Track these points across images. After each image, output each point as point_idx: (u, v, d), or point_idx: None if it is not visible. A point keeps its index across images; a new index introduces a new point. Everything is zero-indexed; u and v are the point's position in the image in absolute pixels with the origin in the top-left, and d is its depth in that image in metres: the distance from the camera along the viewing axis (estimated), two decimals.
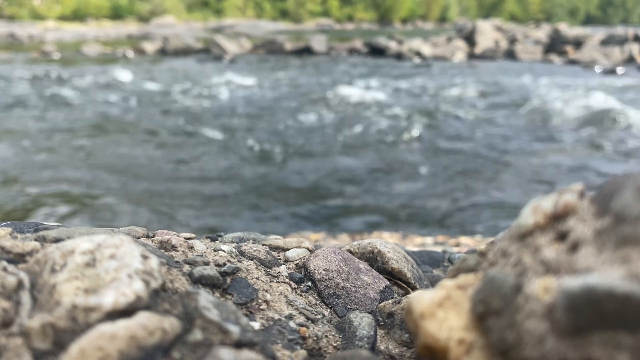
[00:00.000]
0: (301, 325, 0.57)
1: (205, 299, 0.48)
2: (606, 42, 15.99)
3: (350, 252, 0.79)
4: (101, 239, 0.50)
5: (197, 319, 0.45)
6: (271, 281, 0.65)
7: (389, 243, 0.80)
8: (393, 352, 0.58)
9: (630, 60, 14.16)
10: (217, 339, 0.44)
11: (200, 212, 3.79)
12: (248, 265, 0.66)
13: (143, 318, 0.41)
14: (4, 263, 0.47)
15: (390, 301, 0.66)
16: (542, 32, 19.37)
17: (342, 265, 0.70)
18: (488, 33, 17.91)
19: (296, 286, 0.66)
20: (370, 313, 0.64)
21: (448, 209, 3.90)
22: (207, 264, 0.62)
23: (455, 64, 14.30)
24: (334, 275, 0.68)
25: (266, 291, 0.62)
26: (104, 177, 4.45)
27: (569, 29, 18.22)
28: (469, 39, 17.78)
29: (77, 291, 0.43)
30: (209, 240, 0.76)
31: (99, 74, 10.56)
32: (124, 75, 10.40)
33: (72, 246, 0.49)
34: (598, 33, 18.11)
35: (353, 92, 8.84)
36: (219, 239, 0.77)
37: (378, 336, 0.60)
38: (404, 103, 7.91)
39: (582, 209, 0.41)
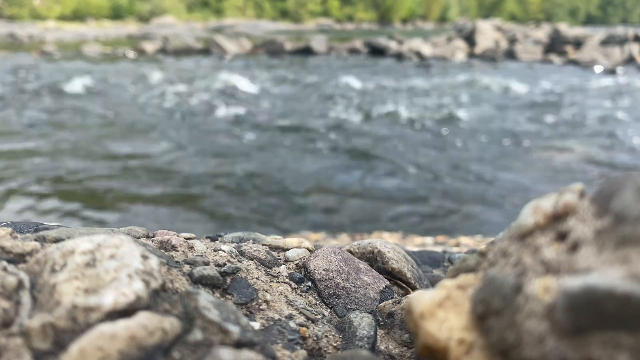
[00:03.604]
0: (301, 325, 0.57)
1: (205, 299, 0.48)
2: (606, 42, 16.00)
3: (350, 252, 0.79)
4: (101, 239, 0.50)
5: (197, 319, 0.45)
6: (271, 281, 0.65)
7: (389, 243, 0.80)
8: (393, 352, 0.58)
9: (630, 60, 14.16)
10: (217, 339, 0.44)
11: (200, 211, 3.79)
12: (248, 265, 0.66)
13: (143, 318, 0.41)
14: (4, 263, 0.47)
15: (390, 301, 0.66)
16: (542, 32, 19.37)
17: (342, 265, 0.70)
18: (488, 33, 17.91)
19: (296, 286, 0.66)
20: (370, 313, 0.64)
21: (448, 208, 3.90)
22: (207, 264, 0.62)
23: (455, 64, 14.31)
24: (334, 275, 0.68)
25: (266, 291, 0.62)
26: (103, 176, 4.45)
27: (569, 29, 18.22)
28: (469, 39, 17.79)
29: (77, 291, 0.43)
30: (209, 240, 0.76)
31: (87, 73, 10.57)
32: (127, 72, 10.40)
33: (72, 246, 0.49)
34: (598, 33, 18.11)
35: (352, 92, 8.84)
36: (219, 239, 0.77)
37: (378, 336, 0.60)
38: (404, 103, 7.91)
39: (582, 209, 0.41)
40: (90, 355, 0.37)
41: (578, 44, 16.38)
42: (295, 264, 0.71)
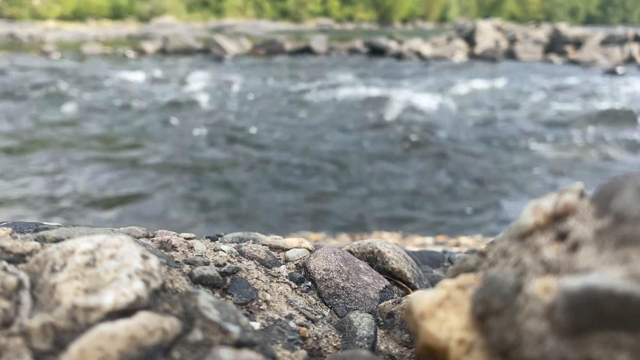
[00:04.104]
0: (301, 325, 0.57)
1: (205, 299, 0.48)
2: (606, 42, 15.99)
3: (350, 252, 0.79)
4: (101, 239, 0.50)
5: (197, 319, 0.45)
6: (271, 281, 0.65)
7: (389, 243, 0.79)
8: (393, 352, 0.58)
9: (630, 60, 14.16)
10: (217, 339, 0.44)
11: (201, 211, 3.79)
12: (248, 265, 0.66)
13: (143, 318, 0.41)
14: (4, 263, 0.47)
15: (390, 301, 0.65)
16: (542, 32, 19.36)
17: (342, 265, 0.70)
18: (488, 33, 17.91)
19: (296, 286, 0.66)
20: (370, 313, 0.64)
21: (448, 208, 3.90)
22: (207, 264, 0.62)
23: (455, 64, 14.30)
24: (334, 275, 0.68)
25: (266, 291, 0.62)
26: (103, 176, 4.45)
27: (569, 29, 18.22)
28: (469, 39, 17.78)
29: (77, 291, 0.43)
30: (209, 240, 0.76)
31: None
32: (126, 75, 10.41)
33: (72, 246, 0.49)
34: (598, 33, 18.11)
35: (352, 92, 8.84)
36: (219, 239, 0.77)
37: (378, 336, 0.60)
38: (404, 103, 7.90)
39: (582, 209, 0.41)
40: (90, 355, 0.37)
41: (578, 44, 16.38)
42: (295, 264, 0.71)
